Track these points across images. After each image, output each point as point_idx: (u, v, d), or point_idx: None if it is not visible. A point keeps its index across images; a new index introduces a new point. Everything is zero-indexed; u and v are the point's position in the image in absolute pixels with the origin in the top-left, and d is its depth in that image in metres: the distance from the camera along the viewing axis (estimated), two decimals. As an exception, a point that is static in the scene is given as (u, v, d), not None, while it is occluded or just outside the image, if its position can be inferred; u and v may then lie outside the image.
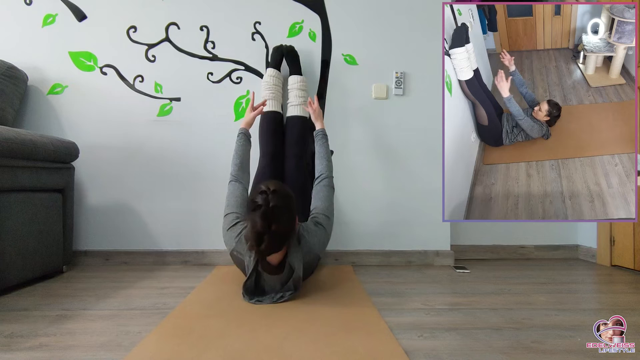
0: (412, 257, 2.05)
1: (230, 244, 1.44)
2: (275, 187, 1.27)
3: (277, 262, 1.34)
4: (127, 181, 1.99)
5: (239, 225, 1.44)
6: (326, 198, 1.57)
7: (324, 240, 1.47)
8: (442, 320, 1.21)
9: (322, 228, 1.47)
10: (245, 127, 1.73)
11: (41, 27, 1.97)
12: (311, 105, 1.82)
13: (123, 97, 1.99)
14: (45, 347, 0.99)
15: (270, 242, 1.23)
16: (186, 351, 0.95)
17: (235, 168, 1.63)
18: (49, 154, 1.61)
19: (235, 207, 1.51)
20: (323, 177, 1.63)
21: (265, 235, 1.22)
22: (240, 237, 1.39)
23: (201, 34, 2.02)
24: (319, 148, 1.72)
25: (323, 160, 1.68)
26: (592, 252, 2.19)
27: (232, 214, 1.49)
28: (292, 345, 0.99)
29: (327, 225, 1.50)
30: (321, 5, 2.05)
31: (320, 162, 1.68)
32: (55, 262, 1.70)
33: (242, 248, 1.37)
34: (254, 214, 1.24)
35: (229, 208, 1.53)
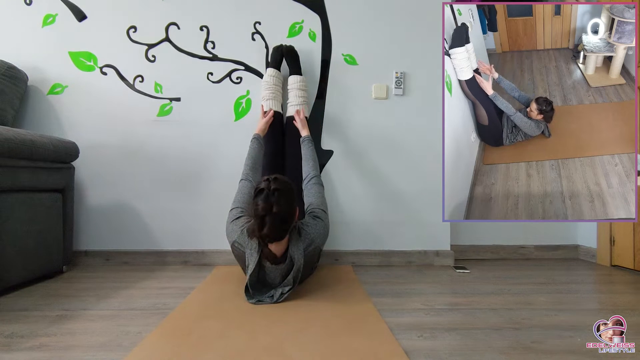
0: (412, 257, 2.05)
1: (232, 236, 1.46)
2: (276, 176, 1.36)
3: (280, 254, 1.35)
4: (127, 181, 1.99)
5: (243, 219, 1.48)
6: (318, 194, 1.63)
7: (323, 232, 1.50)
8: (442, 320, 1.21)
9: (320, 220, 1.50)
10: (259, 133, 1.82)
11: (41, 27, 1.97)
12: (298, 115, 1.88)
13: (123, 97, 1.99)
14: (45, 347, 0.99)
15: (272, 225, 1.27)
16: (186, 351, 0.96)
17: (246, 169, 1.70)
18: (49, 153, 1.61)
19: (242, 202, 1.57)
20: (311, 177, 1.69)
21: (267, 217, 1.27)
22: (243, 230, 1.42)
23: (201, 34, 2.02)
24: (305, 151, 1.79)
25: (309, 162, 1.74)
26: (592, 252, 2.19)
27: (237, 209, 1.54)
28: (292, 346, 0.99)
29: (324, 217, 1.53)
30: (321, 5, 2.05)
31: (306, 164, 1.75)
32: (55, 262, 1.70)
33: (244, 240, 1.39)
34: (257, 198, 1.31)
35: (235, 203, 1.58)
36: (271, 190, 1.29)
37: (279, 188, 1.31)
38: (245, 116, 2.02)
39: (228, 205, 1.64)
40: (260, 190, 1.32)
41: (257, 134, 1.81)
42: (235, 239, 1.43)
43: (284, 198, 1.30)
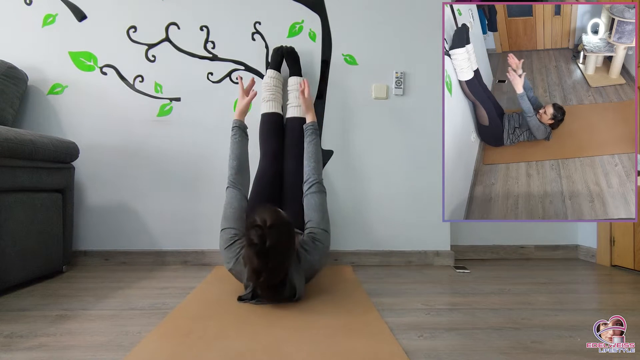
0: (412, 257, 2.05)
1: (227, 264, 1.40)
2: (271, 221, 1.18)
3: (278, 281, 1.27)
4: (127, 181, 1.99)
5: (237, 244, 1.37)
6: (319, 207, 1.49)
7: (323, 256, 1.43)
8: (442, 320, 1.21)
9: (320, 244, 1.42)
10: (239, 117, 1.59)
11: (41, 27, 1.97)
12: (302, 94, 1.68)
13: (123, 97, 1.99)
14: (45, 347, 0.99)
15: (268, 276, 1.19)
16: (186, 351, 0.95)
17: (232, 172, 1.53)
18: (49, 154, 1.61)
19: (233, 220, 1.44)
20: (312, 182, 1.52)
21: (264, 272, 1.18)
22: (239, 258, 1.33)
23: (201, 34, 2.02)
24: (307, 145, 1.58)
25: (311, 161, 1.55)
26: (592, 252, 2.19)
27: (229, 230, 1.42)
28: (291, 346, 0.99)
29: (325, 240, 1.45)
30: (321, 5, 2.05)
31: (308, 163, 1.56)
32: (55, 262, 1.70)
33: (241, 269, 1.33)
34: (250, 250, 1.18)
35: (225, 221, 1.45)
36: (266, 248, 1.15)
37: (275, 244, 1.16)
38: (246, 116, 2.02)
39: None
40: (253, 244, 1.16)
41: (237, 120, 1.55)
42: (231, 267, 1.39)
43: (281, 254, 1.18)
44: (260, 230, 1.16)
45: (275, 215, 1.22)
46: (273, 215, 1.21)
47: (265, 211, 1.23)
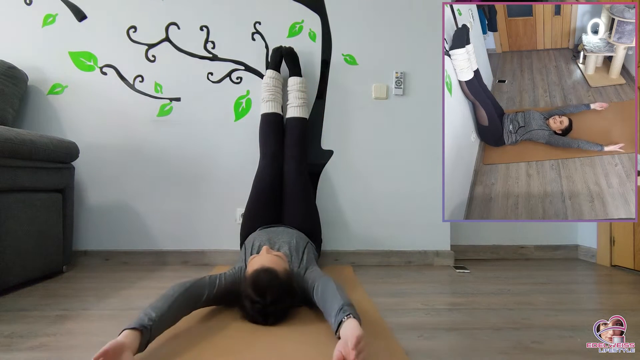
0: (411, 257, 2.05)
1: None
2: (272, 297, 1.08)
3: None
4: (127, 181, 1.99)
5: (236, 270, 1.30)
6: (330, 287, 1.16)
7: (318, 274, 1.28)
8: (442, 320, 1.21)
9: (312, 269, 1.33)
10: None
11: (41, 27, 1.97)
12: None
13: (123, 97, 1.99)
14: (45, 347, 0.99)
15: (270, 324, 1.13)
16: (186, 351, 0.95)
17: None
18: (49, 154, 1.61)
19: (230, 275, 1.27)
20: (342, 305, 1.03)
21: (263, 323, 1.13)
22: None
23: (201, 34, 2.01)
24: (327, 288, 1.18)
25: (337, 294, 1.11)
26: (592, 252, 2.19)
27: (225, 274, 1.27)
28: (291, 346, 0.99)
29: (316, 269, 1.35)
30: (321, 5, 2.05)
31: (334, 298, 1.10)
32: (55, 262, 1.70)
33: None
34: (248, 308, 1.11)
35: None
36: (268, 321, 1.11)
37: (276, 314, 1.12)
38: (245, 116, 2.02)
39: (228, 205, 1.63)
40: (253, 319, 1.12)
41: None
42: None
43: (282, 313, 1.16)
44: (260, 306, 1.09)
45: (273, 284, 1.11)
46: (271, 284, 1.10)
47: (260, 282, 1.10)
